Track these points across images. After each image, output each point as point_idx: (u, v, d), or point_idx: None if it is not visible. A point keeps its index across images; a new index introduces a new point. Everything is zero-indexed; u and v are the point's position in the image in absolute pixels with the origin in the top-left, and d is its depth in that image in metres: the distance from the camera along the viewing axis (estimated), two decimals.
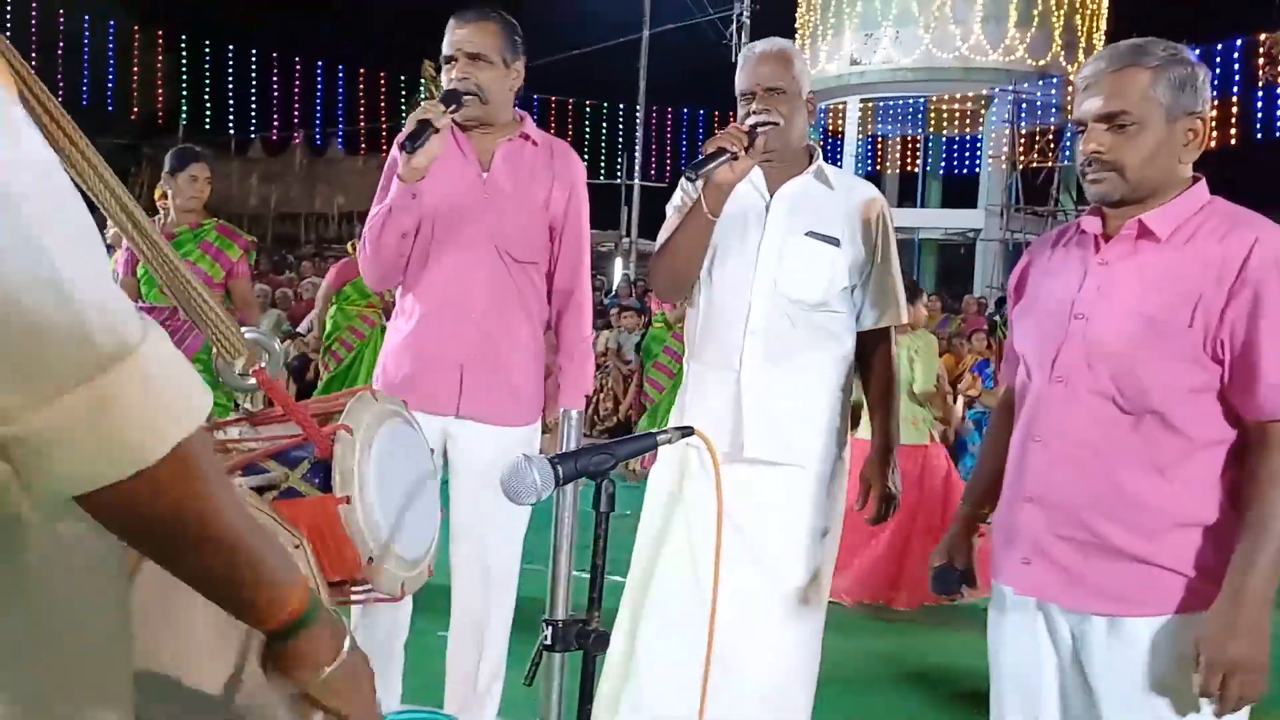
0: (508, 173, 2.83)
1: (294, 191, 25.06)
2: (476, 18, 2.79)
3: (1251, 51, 15.43)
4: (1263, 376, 1.75)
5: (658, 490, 2.76)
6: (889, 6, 22.12)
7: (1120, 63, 1.86)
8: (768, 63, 2.66)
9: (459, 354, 2.79)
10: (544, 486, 1.35)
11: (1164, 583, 1.82)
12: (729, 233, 2.66)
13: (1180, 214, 1.87)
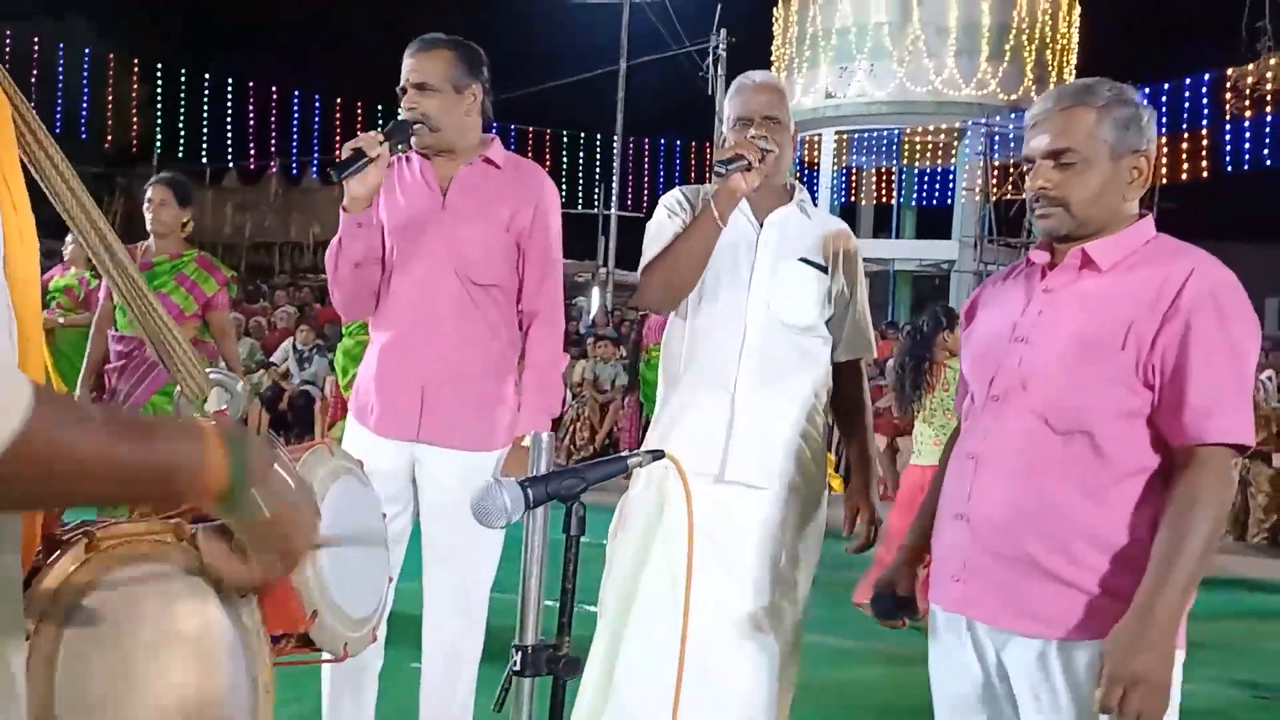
0: (466, 196, 2.83)
1: (269, 221, 24.97)
2: (425, 47, 2.82)
3: (1220, 86, 15.69)
4: (1189, 402, 1.78)
5: (635, 515, 2.75)
6: (863, 40, 22.36)
7: (1067, 102, 1.91)
8: (766, 92, 2.76)
9: (420, 378, 2.79)
10: (514, 510, 1.34)
11: (1083, 605, 1.82)
12: (720, 257, 2.68)
13: (1124, 247, 1.91)
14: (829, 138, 23.76)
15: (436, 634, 2.89)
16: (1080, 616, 1.82)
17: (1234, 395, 1.79)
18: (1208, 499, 1.76)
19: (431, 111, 2.78)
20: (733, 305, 2.68)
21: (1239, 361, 1.81)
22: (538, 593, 1.45)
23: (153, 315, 1.23)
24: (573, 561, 1.40)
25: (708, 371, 2.69)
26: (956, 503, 1.97)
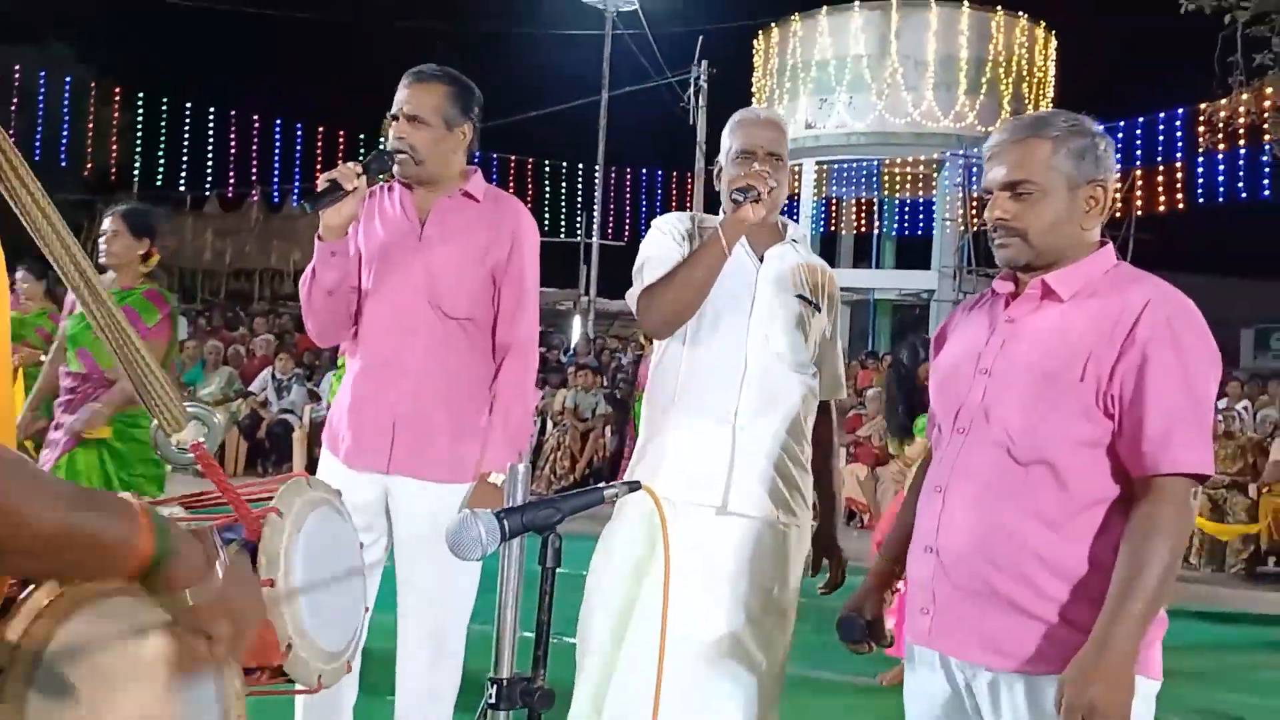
0: (443, 228, 2.82)
1: (249, 247, 24.92)
2: (422, 79, 2.81)
3: (1193, 120, 15.89)
4: (1147, 433, 1.79)
5: (624, 547, 2.72)
6: (842, 73, 22.56)
7: (1021, 134, 1.94)
8: (770, 129, 2.79)
9: (391, 410, 2.77)
10: (489, 542, 1.33)
11: (1048, 639, 1.83)
12: (720, 289, 2.69)
13: (1085, 276, 1.93)
14: (809, 168, 23.92)
15: (410, 669, 2.86)
16: (1046, 649, 1.82)
17: (1191, 425, 1.80)
18: (1165, 529, 1.76)
19: (419, 144, 2.77)
20: (733, 338, 2.69)
21: (1196, 391, 1.82)
22: (513, 625, 1.44)
23: (129, 348, 1.23)
24: (548, 594, 1.39)
25: (707, 403, 2.69)
26: (925, 535, 1.98)
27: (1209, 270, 26.12)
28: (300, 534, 1.32)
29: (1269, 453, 9.41)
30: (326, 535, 1.39)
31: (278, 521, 1.32)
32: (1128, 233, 20.51)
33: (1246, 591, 8.35)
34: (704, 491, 2.64)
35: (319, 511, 1.39)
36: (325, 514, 1.41)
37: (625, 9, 22.91)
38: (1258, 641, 6.55)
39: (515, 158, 24.67)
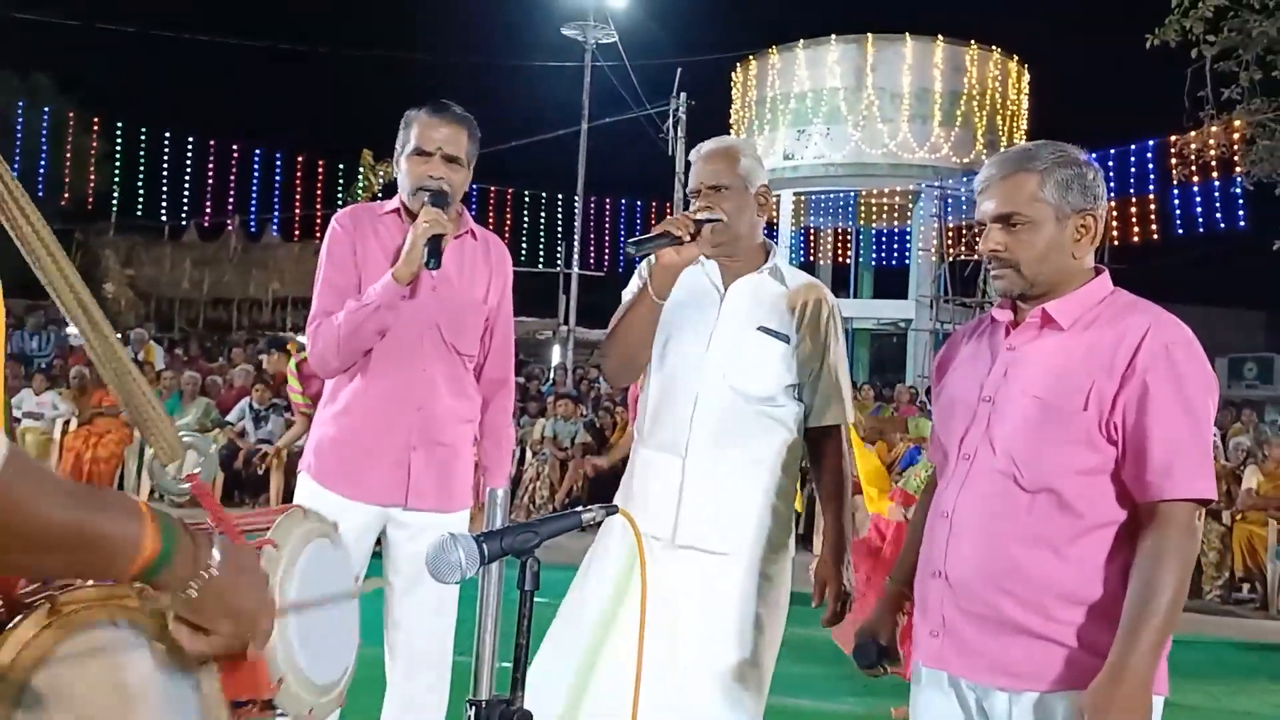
0: (454, 267, 2.86)
1: (228, 277, 24.82)
2: (456, 119, 2.82)
3: (1165, 152, 16.13)
4: (1151, 461, 1.84)
5: (603, 573, 2.72)
6: (819, 105, 22.80)
7: (1009, 169, 1.99)
8: (711, 161, 2.74)
9: (407, 445, 2.78)
10: (469, 565, 1.35)
11: (1058, 659, 1.87)
12: (683, 322, 2.70)
13: (1083, 304, 1.98)
14: (787, 199, 24.09)
15: (399, 695, 2.87)
16: (1055, 669, 1.86)
17: (1193, 451, 1.85)
18: (1173, 554, 1.81)
19: (455, 186, 2.81)
20: (689, 371, 2.67)
21: (1196, 417, 1.86)
22: (492, 648, 1.46)
23: (128, 377, 1.24)
24: (527, 617, 1.41)
25: (663, 435, 2.70)
26: (934, 560, 2.01)
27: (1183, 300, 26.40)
28: (296, 567, 1.32)
29: (1242, 480, 9.50)
30: (322, 568, 1.39)
31: (274, 554, 1.31)
32: (1102, 262, 20.74)
33: (1222, 619, 8.41)
34: (656, 524, 2.61)
35: (315, 544, 1.38)
36: (321, 546, 1.41)
37: (605, 41, 23.08)
38: (1234, 668, 6.60)
39: (495, 188, 24.76)
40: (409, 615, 2.83)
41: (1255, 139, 12.18)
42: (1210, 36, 11.31)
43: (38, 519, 0.86)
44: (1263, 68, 11.55)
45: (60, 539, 0.89)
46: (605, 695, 2.61)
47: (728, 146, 2.78)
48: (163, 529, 0.99)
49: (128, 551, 0.96)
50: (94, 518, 0.92)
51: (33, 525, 0.86)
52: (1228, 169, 13.39)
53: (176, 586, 1.02)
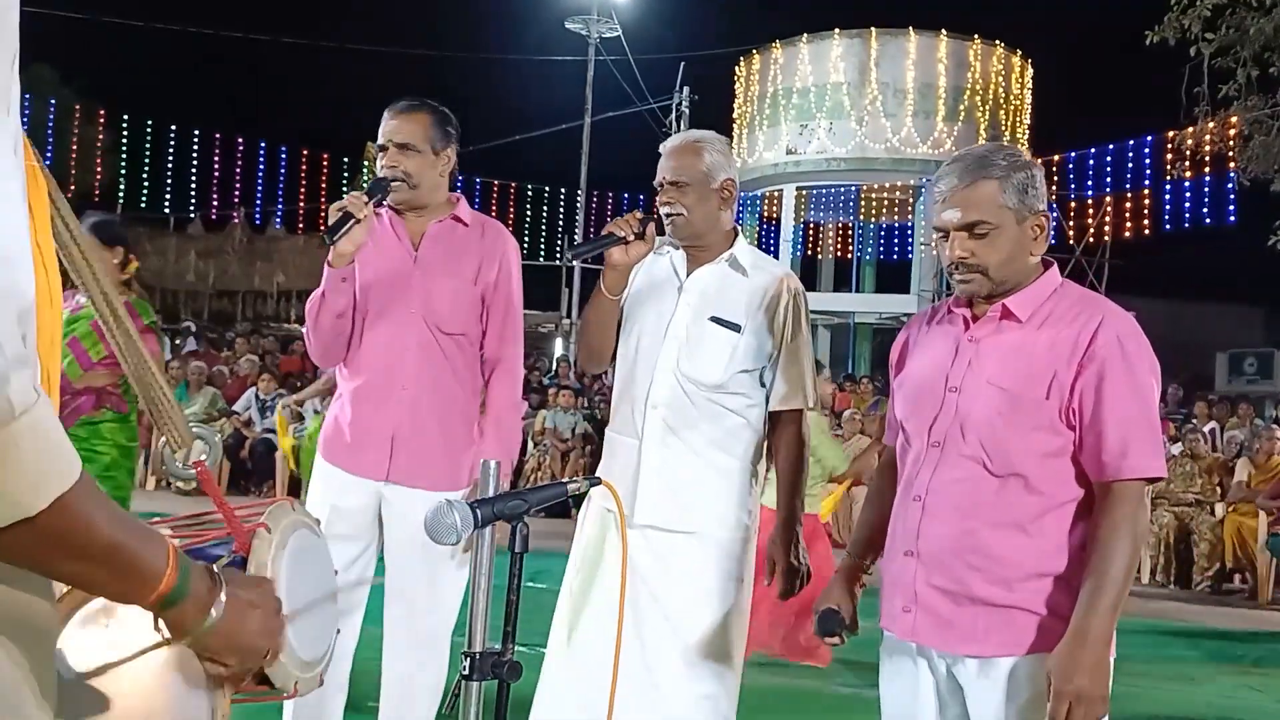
0: (437, 251, 3.00)
1: (232, 269, 24.93)
2: (407, 109, 2.99)
3: (1161, 149, 16.21)
4: (1106, 444, 2.01)
5: (582, 549, 2.90)
6: (822, 100, 22.86)
7: (969, 178, 2.11)
8: (674, 157, 2.86)
9: (390, 424, 2.93)
10: (463, 528, 1.47)
11: (1024, 626, 2.03)
12: (647, 312, 2.86)
13: (1036, 297, 2.13)
14: (790, 193, 24.17)
15: (395, 671, 2.99)
16: (1021, 636, 2.03)
17: (1144, 434, 2.02)
18: (1126, 528, 1.98)
19: (412, 170, 2.95)
20: (647, 358, 2.83)
21: (1145, 400, 2.04)
22: (485, 604, 1.58)
23: (145, 367, 1.34)
24: (517, 576, 1.53)
25: (623, 418, 2.87)
26: (905, 540, 2.16)
27: (1183, 296, 26.48)
28: (285, 550, 1.43)
29: (1234, 472, 9.62)
30: (308, 554, 1.50)
31: (266, 536, 1.42)
32: (1102, 258, 20.83)
33: (1213, 609, 8.51)
34: (624, 502, 2.70)
35: (301, 533, 1.49)
36: (307, 535, 1.52)
37: (608, 35, 23.18)
38: (1223, 657, 6.70)
39: (499, 181, 24.85)
40: (400, 592, 2.96)
41: (1252, 135, 12.28)
42: (1208, 34, 11.41)
43: (93, 533, 0.94)
44: (1259, 65, 11.64)
45: (105, 554, 0.96)
46: (581, 663, 2.75)
47: (691, 142, 2.89)
48: (181, 569, 1.07)
49: (151, 580, 1.03)
50: (132, 542, 1.01)
51: (88, 538, 0.93)
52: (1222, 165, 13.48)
53: (189, 625, 1.10)
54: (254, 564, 1.41)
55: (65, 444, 0.90)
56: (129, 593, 1.04)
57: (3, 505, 0.85)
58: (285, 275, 23.26)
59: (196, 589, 1.10)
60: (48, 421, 0.87)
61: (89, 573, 0.98)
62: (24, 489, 0.85)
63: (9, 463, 0.83)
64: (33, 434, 0.85)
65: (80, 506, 0.91)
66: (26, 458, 0.85)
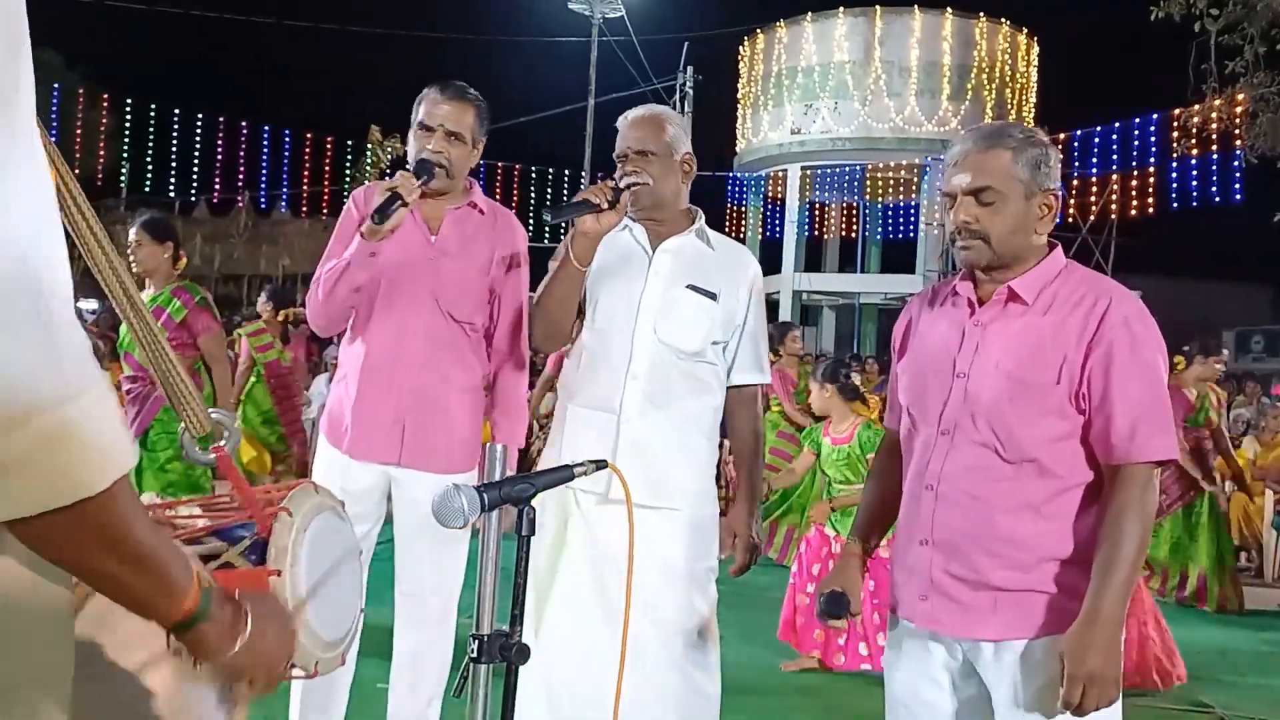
0: (454, 237, 3.00)
1: (238, 253, 24.97)
2: (460, 96, 2.97)
3: (1168, 126, 16.14)
4: (1115, 427, 2.00)
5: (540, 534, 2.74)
6: (827, 79, 22.79)
7: (984, 144, 2.11)
8: (638, 128, 2.86)
9: (400, 406, 2.93)
10: (470, 512, 1.49)
11: (1039, 608, 2.04)
12: (613, 283, 2.83)
13: (1042, 279, 2.11)
14: (794, 174, 24.14)
15: (404, 648, 3.02)
16: (1036, 619, 2.03)
17: (1154, 416, 2.01)
18: (1136, 509, 1.98)
19: (454, 159, 2.94)
20: (622, 330, 2.80)
21: (1154, 384, 2.03)
22: (493, 587, 1.59)
23: (164, 359, 1.35)
24: (524, 559, 1.55)
25: (597, 394, 2.81)
26: (920, 529, 2.15)
27: (1190, 274, 26.44)
28: (306, 532, 1.45)
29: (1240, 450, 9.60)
30: (330, 536, 1.52)
31: (287, 519, 1.44)
32: (1109, 237, 20.77)
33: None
34: (589, 480, 2.70)
35: (323, 515, 1.51)
36: (329, 518, 1.54)
37: (611, 15, 23.09)
38: (1229, 633, 6.71)
39: (502, 164, 24.82)
40: (411, 572, 2.99)
41: (1258, 112, 12.21)
42: (1214, 10, 11.32)
43: (133, 531, 0.93)
44: (1266, 41, 11.56)
45: (140, 556, 0.96)
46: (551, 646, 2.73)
47: (655, 114, 2.90)
48: (203, 591, 1.07)
49: (176, 595, 1.03)
50: (164, 554, 1.00)
51: (127, 535, 0.93)
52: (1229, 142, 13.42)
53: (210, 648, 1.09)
54: (274, 547, 1.43)
55: (123, 427, 0.89)
56: (154, 601, 1.02)
57: (63, 483, 0.84)
58: (291, 259, 23.29)
59: (218, 613, 1.09)
60: (109, 402, 0.87)
61: (121, 574, 0.96)
62: (84, 468, 0.85)
63: (73, 440, 0.83)
64: (99, 412, 0.85)
65: (125, 499, 0.91)
66: (90, 436, 0.84)
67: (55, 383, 0.82)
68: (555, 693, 2.74)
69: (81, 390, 0.84)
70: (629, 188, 2.70)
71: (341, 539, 1.57)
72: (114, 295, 1.25)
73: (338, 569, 1.53)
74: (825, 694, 4.78)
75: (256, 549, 1.45)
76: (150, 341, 1.33)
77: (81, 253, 1.17)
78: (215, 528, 1.49)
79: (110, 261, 1.20)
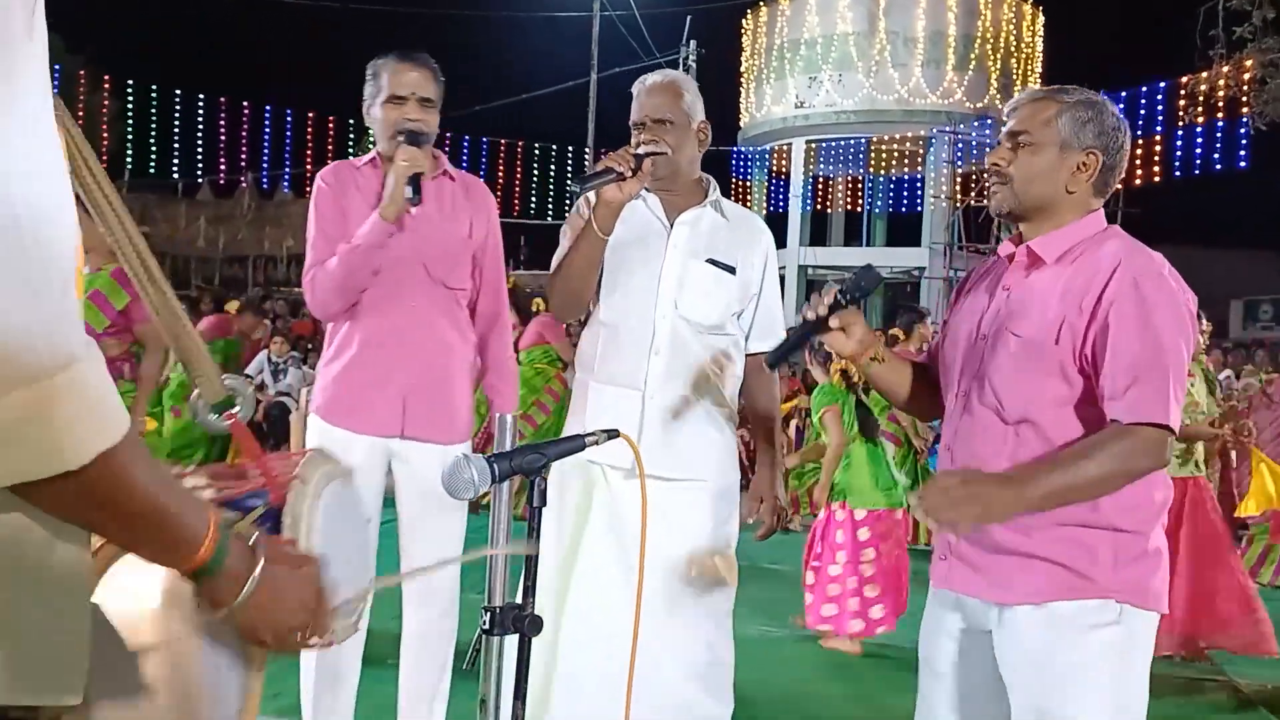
0: (435, 207, 2.98)
1: (242, 234, 24.96)
2: (424, 62, 2.94)
3: (1174, 94, 16.02)
4: (1112, 386, 1.94)
5: (565, 502, 2.83)
6: (830, 51, 22.62)
7: (1039, 95, 2.11)
8: (655, 94, 2.83)
9: (402, 378, 2.92)
10: (481, 483, 1.47)
11: (1042, 575, 2.01)
12: (630, 256, 2.81)
13: (1068, 240, 2.07)
14: (798, 147, 24.00)
15: (415, 617, 3.04)
16: (1038, 584, 2.00)
17: (1152, 378, 1.91)
18: (1115, 450, 1.90)
19: (431, 126, 2.92)
20: (642, 304, 2.79)
21: (1157, 345, 1.93)
22: (504, 559, 1.59)
23: (179, 324, 1.34)
24: (536, 530, 1.54)
25: (619, 370, 2.81)
26: None
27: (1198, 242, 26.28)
28: (320, 500, 1.43)
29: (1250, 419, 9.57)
30: (343, 504, 1.50)
31: (301, 487, 1.42)
32: (1115, 205, 20.66)
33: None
34: (617, 455, 2.70)
35: (335, 484, 1.49)
36: (341, 487, 1.52)
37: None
38: None
39: (505, 141, 24.74)
40: (415, 546, 2.99)
41: (1266, 79, 12.11)
42: None
43: (135, 493, 0.93)
44: (1275, 6, 11.45)
45: (145, 515, 0.96)
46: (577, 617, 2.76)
47: (671, 80, 2.88)
48: (220, 540, 1.06)
49: (193, 543, 1.03)
50: (174, 506, 1.00)
51: (129, 497, 0.93)
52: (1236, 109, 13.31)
53: (224, 598, 1.09)
54: (289, 515, 1.42)
55: (113, 399, 0.89)
56: (165, 556, 1.03)
57: (47, 457, 0.84)
58: (295, 239, 23.24)
59: (233, 562, 1.08)
60: (97, 374, 0.86)
61: (127, 531, 0.98)
62: (69, 442, 0.84)
63: (56, 414, 0.82)
64: (83, 385, 0.84)
65: (124, 464, 0.90)
66: (73, 410, 0.84)
67: (46, 349, 0.81)
68: (577, 665, 2.75)
69: (72, 358, 0.83)
70: (647, 157, 2.66)
71: (354, 506, 1.57)
72: (129, 262, 1.24)
73: (351, 537, 1.53)
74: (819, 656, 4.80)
75: (269, 518, 1.44)
76: (164, 308, 1.32)
77: (94, 216, 1.15)
78: (225, 498, 1.48)
79: (125, 227, 1.19)
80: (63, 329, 0.83)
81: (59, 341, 0.82)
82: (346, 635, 1.46)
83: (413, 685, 3.04)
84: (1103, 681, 1.97)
